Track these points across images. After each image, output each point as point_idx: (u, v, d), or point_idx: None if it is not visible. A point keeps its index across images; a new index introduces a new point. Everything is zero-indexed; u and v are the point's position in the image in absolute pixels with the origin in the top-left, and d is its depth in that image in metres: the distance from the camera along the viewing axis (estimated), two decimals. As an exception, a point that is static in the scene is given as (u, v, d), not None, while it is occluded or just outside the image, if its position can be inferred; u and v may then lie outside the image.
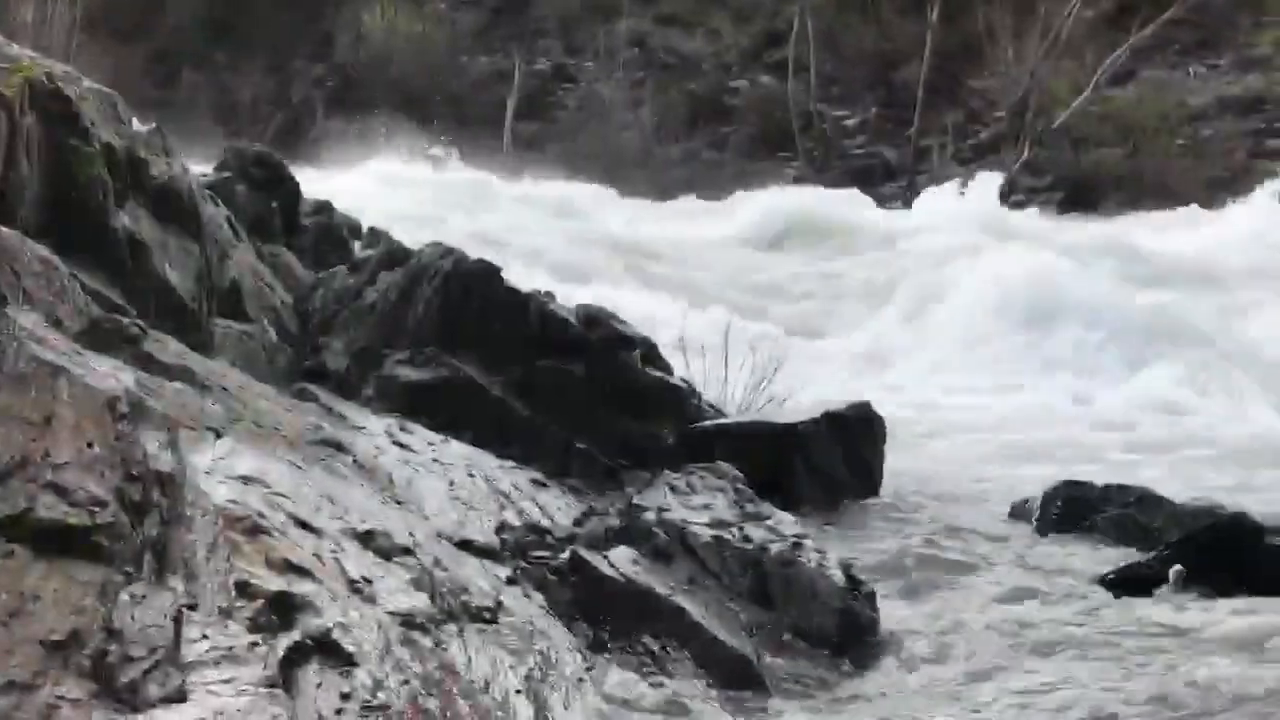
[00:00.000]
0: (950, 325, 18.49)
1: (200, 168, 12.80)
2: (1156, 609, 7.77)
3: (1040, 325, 17.87)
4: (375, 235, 12.03)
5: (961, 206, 28.67)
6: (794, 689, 6.59)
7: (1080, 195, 33.21)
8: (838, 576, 7.67)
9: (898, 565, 8.66)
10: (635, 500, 8.14)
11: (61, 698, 3.43)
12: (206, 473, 5.53)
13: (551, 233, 23.06)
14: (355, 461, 7.33)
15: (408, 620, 5.52)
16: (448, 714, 5.01)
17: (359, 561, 5.80)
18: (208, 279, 9.22)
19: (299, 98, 43.69)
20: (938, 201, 29.86)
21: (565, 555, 7.20)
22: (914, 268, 21.75)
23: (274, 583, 4.91)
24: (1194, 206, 28.57)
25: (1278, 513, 9.00)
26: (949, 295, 19.39)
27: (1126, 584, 8.19)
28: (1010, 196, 34.07)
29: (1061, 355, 17.09)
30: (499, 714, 5.32)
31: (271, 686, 3.83)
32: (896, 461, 10.83)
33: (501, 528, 7.64)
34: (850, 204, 29.25)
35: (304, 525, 5.73)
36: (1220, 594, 7.92)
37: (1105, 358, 16.89)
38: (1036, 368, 16.76)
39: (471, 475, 8.33)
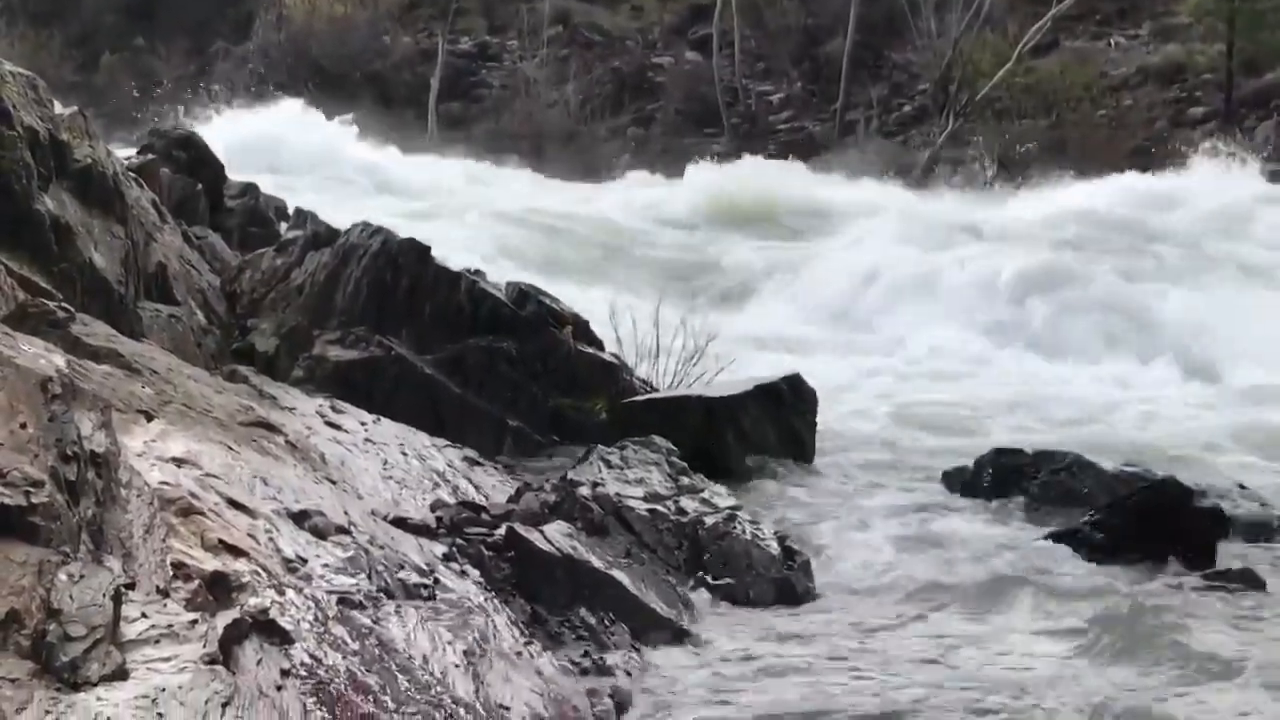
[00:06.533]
0: (871, 297, 18.57)
1: (123, 151, 12.70)
2: (1088, 572, 7.86)
3: (957, 297, 18.00)
4: (302, 216, 11.96)
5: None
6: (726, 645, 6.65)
7: (1003, 167, 33.41)
8: (773, 547, 7.73)
9: (831, 534, 8.71)
10: (570, 475, 8.15)
11: (1, 678, 3.42)
12: (139, 455, 5.51)
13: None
14: (287, 442, 7.31)
15: (345, 598, 5.51)
16: (387, 690, 5.01)
17: (294, 541, 5.80)
18: (134, 262, 9.16)
19: (221, 80, 43.32)
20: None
21: (501, 531, 7.20)
22: (840, 240, 21.90)
23: (210, 563, 4.89)
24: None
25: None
26: (874, 268, 19.45)
27: (1056, 548, 8.27)
28: (935, 169, 34.27)
29: (979, 326, 17.21)
30: (438, 690, 5.32)
31: (212, 663, 3.82)
32: (828, 432, 10.88)
33: (436, 505, 7.64)
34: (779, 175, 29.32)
35: (238, 506, 5.72)
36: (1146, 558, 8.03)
37: (1022, 327, 17.02)
38: (958, 339, 16.87)
39: (404, 454, 8.32)
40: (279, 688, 4.38)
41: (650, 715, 5.75)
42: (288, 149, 26.08)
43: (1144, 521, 8.29)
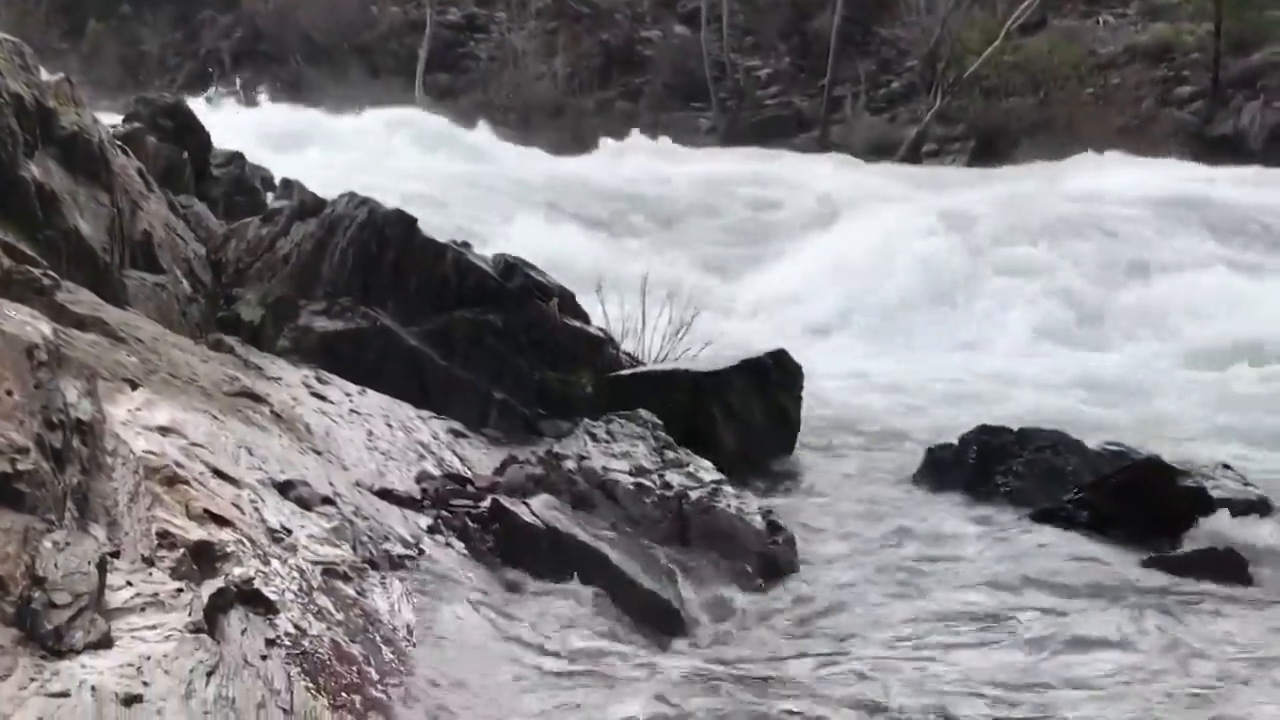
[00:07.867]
0: (862, 278, 18.55)
1: (109, 119, 12.64)
2: (1070, 551, 7.88)
3: (941, 278, 18.01)
4: (288, 186, 11.90)
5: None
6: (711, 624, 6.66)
7: (991, 145, 33.40)
8: (757, 521, 7.73)
9: (816, 508, 8.72)
10: (555, 449, 8.14)
11: (-15, 645, 3.41)
12: (124, 423, 5.49)
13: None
14: (273, 412, 7.30)
15: (329, 569, 5.51)
16: (371, 661, 5.01)
17: (279, 511, 5.80)
18: (119, 230, 9.11)
19: (206, 48, 43.17)
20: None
21: (486, 504, 7.19)
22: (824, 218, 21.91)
23: (195, 532, 4.89)
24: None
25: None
26: (859, 247, 19.42)
27: (1040, 526, 8.30)
28: (922, 147, 34.27)
29: (963, 306, 17.24)
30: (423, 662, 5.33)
31: (197, 632, 3.82)
32: (814, 408, 10.88)
33: (421, 477, 7.63)
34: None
35: (223, 475, 5.72)
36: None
37: (1004, 310, 17.03)
38: (942, 316, 16.91)
39: (390, 425, 8.32)
40: (264, 657, 4.38)
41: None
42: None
43: (1127, 500, 8.31)
